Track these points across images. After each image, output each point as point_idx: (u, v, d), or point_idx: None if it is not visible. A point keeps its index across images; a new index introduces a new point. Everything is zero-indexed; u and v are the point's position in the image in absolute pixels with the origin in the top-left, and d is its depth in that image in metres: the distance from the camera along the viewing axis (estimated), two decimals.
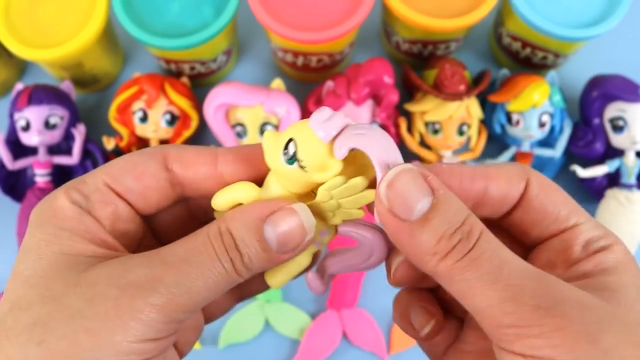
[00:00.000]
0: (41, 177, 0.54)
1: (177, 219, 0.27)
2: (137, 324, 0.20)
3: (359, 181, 0.22)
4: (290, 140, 0.23)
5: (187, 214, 0.28)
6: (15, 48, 0.52)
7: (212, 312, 0.28)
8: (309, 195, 0.24)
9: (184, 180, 0.25)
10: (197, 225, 0.28)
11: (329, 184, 0.23)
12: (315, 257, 0.27)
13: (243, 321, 0.54)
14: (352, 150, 0.22)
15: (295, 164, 0.23)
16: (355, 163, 0.23)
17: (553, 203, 0.24)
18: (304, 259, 0.26)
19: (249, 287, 0.29)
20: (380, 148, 0.22)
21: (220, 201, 0.25)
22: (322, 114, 0.22)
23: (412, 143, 0.55)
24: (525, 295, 0.20)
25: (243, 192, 0.24)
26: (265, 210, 0.23)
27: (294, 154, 0.22)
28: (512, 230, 0.25)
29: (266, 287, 0.28)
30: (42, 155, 0.54)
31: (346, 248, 0.26)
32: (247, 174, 0.25)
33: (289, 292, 0.55)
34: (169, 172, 0.25)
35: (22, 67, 0.62)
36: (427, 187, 0.21)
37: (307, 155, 0.22)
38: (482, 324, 0.21)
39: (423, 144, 0.56)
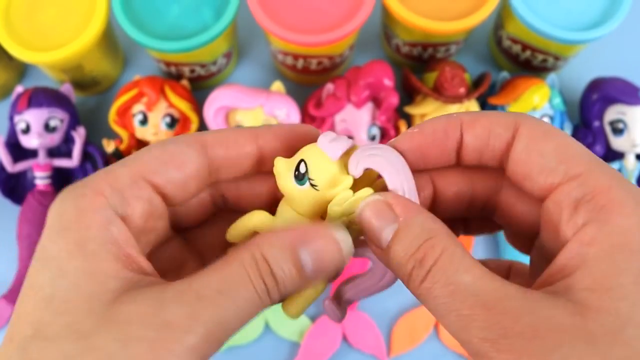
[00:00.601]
0: (41, 179, 0.54)
1: (198, 207, 0.27)
2: None
3: (365, 193, 0.23)
4: (301, 161, 0.24)
5: (209, 201, 0.27)
6: (15, 51, 0.52)
7: None
8: (320, 220, 0.25)
9: (224, 163, 0.25)
10: (215, 211, 0.27)
11: (338, 198, 0.23)
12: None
13: None
14: (366, 169, 0.23)
15: (307, 184, 0.23)
16: (364, 179, 0.24)
17: (541, 152, 0.22)
18: (320, 285, 0.25)
19: None
20: (393, 170, 0.23)
21: (235, 232, 0.26)
22: (328, 136, 0.24)
23: None
24: (474, 327, 0.19)
25: (258, 220, 0.25)
26: (302, 236, 0.22)
27: (305, 173, 0.23)
28: (518, 186, 0.24)
29: None
30: (42, 158, 0.53)
31: (360, 274, 0.26)
32: (286, 151, 0.25)
33: None
34: (208, 158, 0.24)
35: (22, 69, 0.62)
36: (390, 216, 0.22)
37: (317, 173, 0.23)
38: None
39: None
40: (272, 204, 0.27)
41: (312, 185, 0.23)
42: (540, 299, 0.20)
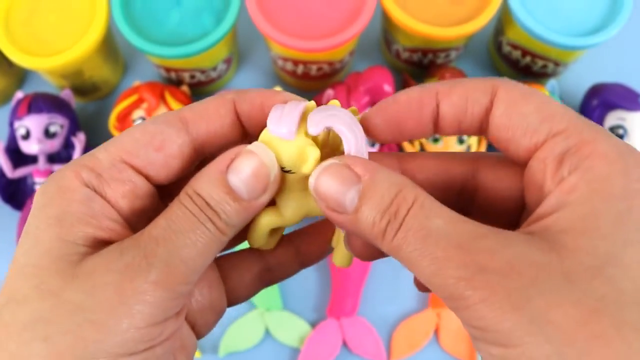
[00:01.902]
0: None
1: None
2: (143, 307, 0.20)
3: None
4: None
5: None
6: (15, 57, 0.52)
7: (237, 295, 0.28)
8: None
9: (206, 137, 0.24)
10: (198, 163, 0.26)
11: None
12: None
13: (243, 329, 0.54)
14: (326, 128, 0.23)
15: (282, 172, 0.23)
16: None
17: (522, 114, 0.22)
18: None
19: (281, 270, 0.28)
20: (351, 132, 0.22)
21: (255, 236, 0.26)
22: (274, 114, 0.23)
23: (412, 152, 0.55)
24: (449, 268, 0.19)
25: (268, 216, 0.25)
26: (224, 161, 0.22)
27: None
28: (502, 151, 0.24)
29: (296, 270, 0.28)
30: (42, 164, 0.53)
31: None
32: (263, 118, 0.24)
33: (289, 300, 0.55)
34: (189, 135, 0.24)
35: (22, 75, 0.62)
36: (352, 177, 0.21)
37: (286, 161, 0.23)
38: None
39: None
40: None
41: (287, 172, 0.23)
42: (515, 237, 0.20)
